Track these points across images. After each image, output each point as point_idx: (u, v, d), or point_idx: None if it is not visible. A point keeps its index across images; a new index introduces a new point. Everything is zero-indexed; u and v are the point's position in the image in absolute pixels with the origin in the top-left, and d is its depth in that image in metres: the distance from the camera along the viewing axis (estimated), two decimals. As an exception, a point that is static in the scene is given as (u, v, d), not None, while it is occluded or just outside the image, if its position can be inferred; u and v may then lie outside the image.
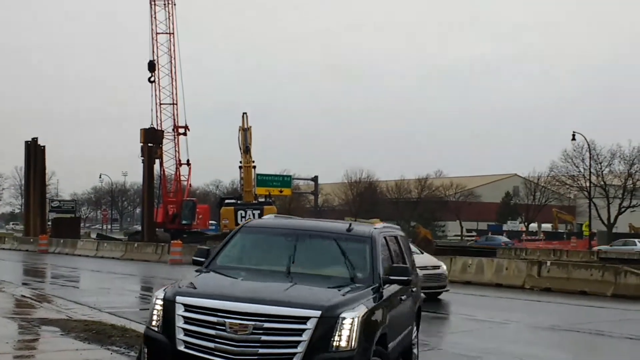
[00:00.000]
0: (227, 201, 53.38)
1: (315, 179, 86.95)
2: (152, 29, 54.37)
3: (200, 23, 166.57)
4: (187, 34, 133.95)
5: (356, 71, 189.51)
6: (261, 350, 6.65)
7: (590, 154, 70.92)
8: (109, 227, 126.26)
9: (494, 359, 11.40)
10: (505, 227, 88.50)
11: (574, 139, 66.32)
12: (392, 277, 8.01)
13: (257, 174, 60.35)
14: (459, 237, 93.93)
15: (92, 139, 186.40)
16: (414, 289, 9.72)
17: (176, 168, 55.58)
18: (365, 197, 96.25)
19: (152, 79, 54.08)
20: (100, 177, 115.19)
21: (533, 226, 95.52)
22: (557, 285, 23.39)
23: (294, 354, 6.64)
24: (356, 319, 6.80)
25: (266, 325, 6.66)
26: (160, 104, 54.32)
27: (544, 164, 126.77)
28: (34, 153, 60.73)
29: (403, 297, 8.78)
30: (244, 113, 52.02)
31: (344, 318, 6.75)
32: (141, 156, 53.02)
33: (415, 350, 10.06)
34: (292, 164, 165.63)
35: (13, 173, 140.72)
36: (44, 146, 61.33)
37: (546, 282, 23.83)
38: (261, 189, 64.14)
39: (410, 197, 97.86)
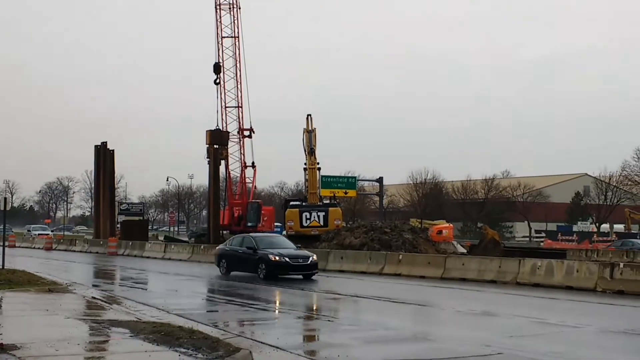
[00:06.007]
0: (292, 203, 53.37)
1: (380, 180, 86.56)
2: (217, 33, 54.91)
3: (265, 28, 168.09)
4: (254, 38, 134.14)
5: (420, 70, 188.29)
6: None
7: (664, 152, 68.99)
8: (176, 229, 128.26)
9: (567, 364, 11.06)
10: (575, 228, 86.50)
11: (646, 136, 64.59)
12: None
13: (322, 176, 60.35)
14: (527, 239, 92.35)
15: (158, 142, 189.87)
16: None
17: (241, 170, 55.97)
18: (431, 198, 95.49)
19: (217, 81, 54.66)
20: (167, 180, 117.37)
21: (605, 227, 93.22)
22: (631, 287, 22.65)
23: None
24: None
25: None
26: (226, 107, 54.84)
27: (615, 163, 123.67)
28: (103, 157, 62.04)
29: None
30: (308, 115, 52.04)
31: None
32: (207, 157, 53.59)
33: None
34: (356, 165, 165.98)
35: (83, 177, 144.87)
36: (112, 150, 62.59)
37: (619, 284, 23.11)
38: (326, 190, 64.12)
39: (477, 198, 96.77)
